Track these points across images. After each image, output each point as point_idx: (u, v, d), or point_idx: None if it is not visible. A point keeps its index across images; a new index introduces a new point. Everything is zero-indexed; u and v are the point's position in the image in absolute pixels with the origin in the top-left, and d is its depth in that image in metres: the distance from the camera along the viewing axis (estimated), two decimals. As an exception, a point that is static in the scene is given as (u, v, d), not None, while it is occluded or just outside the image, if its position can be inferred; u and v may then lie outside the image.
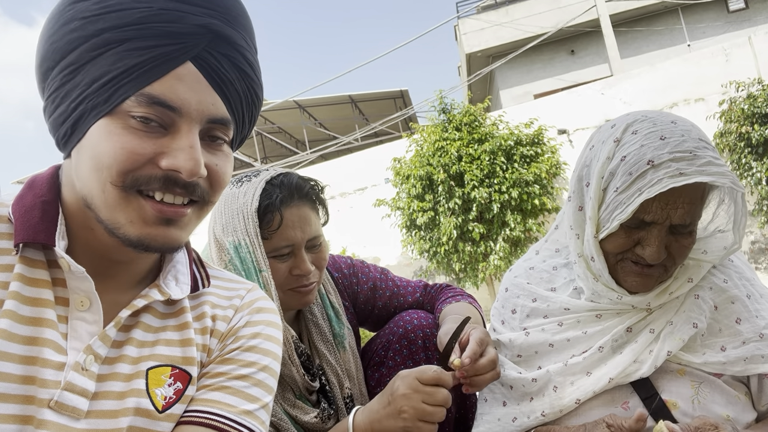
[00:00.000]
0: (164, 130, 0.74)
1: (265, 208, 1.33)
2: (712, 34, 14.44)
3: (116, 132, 0.72)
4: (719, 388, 1.13)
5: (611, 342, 1.19)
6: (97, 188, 0.73)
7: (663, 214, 1.07)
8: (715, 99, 8.85)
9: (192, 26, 0.73)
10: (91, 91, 0.72)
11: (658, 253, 1.09)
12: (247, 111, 0.84)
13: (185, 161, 0.73)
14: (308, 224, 1.38)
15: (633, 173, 1.07)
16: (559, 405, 1.20)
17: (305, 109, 18.25)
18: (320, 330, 1.51)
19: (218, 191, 0.82)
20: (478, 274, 8.45)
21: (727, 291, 1.19)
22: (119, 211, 0.74)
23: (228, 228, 1.36)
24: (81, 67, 0.72)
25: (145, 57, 0.71)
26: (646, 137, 1.09)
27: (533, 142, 8.66)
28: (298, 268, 1.37)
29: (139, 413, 0.78)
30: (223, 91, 0.77)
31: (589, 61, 15.24)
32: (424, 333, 1.51)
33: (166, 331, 0.86)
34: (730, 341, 1.15)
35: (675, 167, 1.03)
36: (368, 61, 13.23)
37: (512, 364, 1.33)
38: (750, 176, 7.89)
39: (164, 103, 0.72)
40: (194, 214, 0.81)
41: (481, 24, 15.59)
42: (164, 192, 0.75)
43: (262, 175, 1.40)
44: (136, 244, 0.75)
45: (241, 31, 0.79)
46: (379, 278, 1.68)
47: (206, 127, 0.77)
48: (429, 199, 8.42)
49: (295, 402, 1.38)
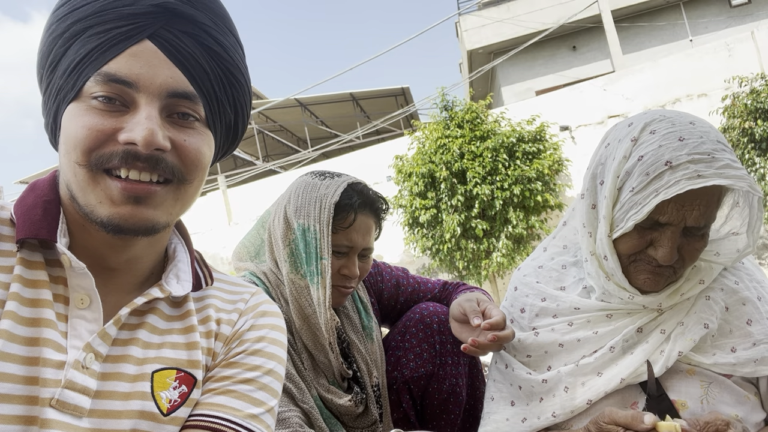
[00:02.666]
0: (126, 109, 0.76)
1: (344, 206, 1.45)
2: (714, 29, 14.38)
3: (80, 114, 0.75)
4: (729, 389, 1.12)
5: (622, 342, 1.19)
6: (69, 172, 0.76)
7: (678, 215, 1.07)
8: (718, 94, 8.82)
9: (147, 6, 0.76)
10: (63, 82, 0.76)
11: (671, 254, 1.09)
12: (220, 90, 0.83)
13: (139, 132, 0.74)
14: (369, 234, 1.50)
15: (650, 173, 1.06)
16: (570, 406, 1.20)
17: (307, 107, 18.25)
18: (351, 321, 1.60)
19: (193, 169, 0.81)
20: (480, 272, 8.44)
21: (739, 292, 1.19)
22: (89, 192, 0.76)
23: (302, 211, 1.45)
24: (58, 63, 0.77)
25: (103, 39, 0.75)
26: (664, 137, 1.08)
27: (535, 138, 8.64)
28: (347, 269, 1.47)
29: (144, 416, 0.78)
30: (185, 66, 0.78)
31: (590, 57, 15.19)
32: (439, 318, 1.61)
33: (172, 333, 0.86)
34: (740, 342, 1.14)
35: (693, 169, 1.02)
36: (369, 59, 13.23)
37: (521, 364, 1.33)
38: (753, 172, 7.86)
39: (119, 79, 0.74)
40: (170, 195, 0.80)
41: (482, 20, 15.55)
42: (128, 168, 0.75)
43: (344, 177, 1.52)
44: (107, 224, 0.76)
45: (205, 12, 0.81)
46: (401, 276, 1.80)
47: (169, 102, 0.77)
48: (431, 196, 8.40)
49: (329, 387, 1.47)
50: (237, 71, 0.85)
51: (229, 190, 13.05)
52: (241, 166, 19.73)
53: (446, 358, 1.58)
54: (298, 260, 1.44)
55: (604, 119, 9.78)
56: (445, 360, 1.58)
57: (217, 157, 0.92)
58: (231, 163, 20.65)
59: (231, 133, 0.91)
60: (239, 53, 0.86)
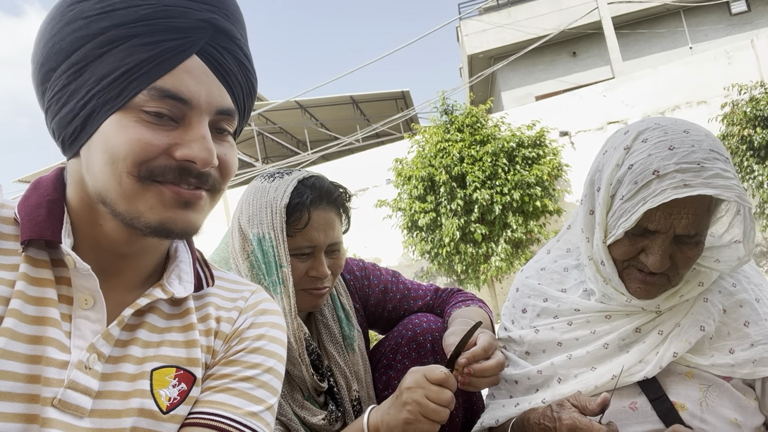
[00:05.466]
0: (175, 123, 0.76)
1: (295, 206, 1.35)
2: (714, 37, 14.44)
3: (130, 125, 0.73)
4: (728, 392, 1.13)
5: (618, 340, 1.21)
6: (112, 181, 0.74)
7: (666, 223, 1.08)
8: (717, 102, 8.84)
9: (195, 21, 0.75)
10: (101, 88, 0.73)
11: (661, 262, 1.10)
12: (246, 101, 0.86)
13: (200, 151, 0.75)
14: (332, 229, 1.40)
15: (638, 182, 1.07)
16: (560, 394, 1.21)
17: (306, 110, 18.27)
18: (330, 331, 1.51)
19: (227, 180, 0.84)
20: (479, 276, 8.45)
21: (736, 294, 1.20)
22: (138, 200, 0.75)
23: (254, 220, 1.38)
24: (87, 66, 0.73)
25: (154, 52, 0.73)
26: (654, 146, 1.09)
27: (535, 143, 8.66)
28: (316, 270, 1.38)
29: (144, 414, 0.78)
30: (227, 83, 0.80)
31: (590, 63, 15.24)
32: (433, 336, 1.50)
33: (171, 332, 0.86)
34: (738, 344, 1.16)
35: (680, 178, 1.03)
36: (370, 62, 13.25)
37: (517, 358, 1.35)
38: (752, 179, 7.88)
39: (176, 96, 0.74)
40: (208, 200, 0.83)
41: (483, 25, 15.60)
42: (179, 183, 0.77)
43: (294, 173, 1.43)
44: (158, 229, 0.77)
45: (237, 26, 0.82)
46: (390, 281, 1.69)
47: (214, 118, 0.79)
48: (430, 200, 8.42)
49: (303, 403, 1.38)
50: (254, 80, 0.87)
51: (228, 191, 13.05)
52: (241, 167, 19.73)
53: None
54: (260, 272, 1.37)
55: (603, 125, 9.80)
56: None
57: None
58: (230, 165, 20.60)
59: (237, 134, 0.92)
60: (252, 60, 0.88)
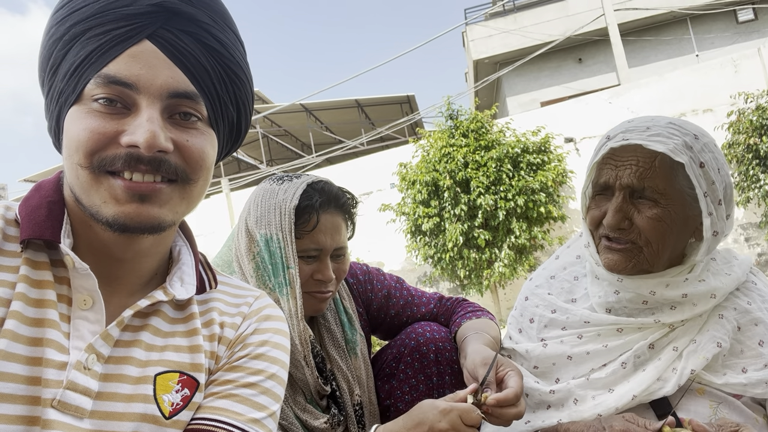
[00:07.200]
0: (127, 110, 0.76)
1: (304, 208, 1.37)
2: (720, 45, 14.41)
3: (81, 116, 0.75)
4: (738, 410, 1.11)
5: (634, 358, 1.19)
6: (72, 174, 0.76)
7: (613, 174, 1.19)
8: (723, 110, 8.81)
9: (146, 6, 0.75)
10: (64, 85, 0.76)
11: (614, 217, 1.18)
12: (222, 88, 0.83)
13: (141, 134, 0.73)
14: (338, 233, 1.41)
15: (596, 148, 1.26)
16: (578, 418, 1.18)
17: (311, 113, 18.31)
18: (333, 335, 1.51)
19: (197, 169, 0.81)
20: (482, 282, 8.42)
21: (751, 313, 1.19)
22: (93, 193, 0.75)
23: (262, 221, 1.38)
24: (58, 67, 0.77)
25: (103, 41, 0.75)
26: (623, 124, 1.23)
27: (540, 150, 8.64)
28: (321, 273, 1.39)
29: (146, 419, 0.78)
30: (185, 66, 0.78)
31: (596, 70, 15.23)
32: (437, 346, 1.49)
33: (175, 336, 0.85)
34: (751, 363, 1.14)
35: (622, 136, 1.19)
36: (375, 66, 13.28)
37: (528, 372, 1.32)
38: (758, 188, 7.83)
39: (119, 81, 0.74)
40: (175, 193, 0.80)
41: (489, 31, 15.61)
42: (131, 171, 0.75)
43: (303, 177, 1.44)
44: (113, 224, 0.76)
45: (204, 9, 0.80)
46: (393, 287, 1.68)
47: (171, 102, 0.77)
48: (434, 205, 8.40)
49: (306, 406, 1.38)
50: (238, 68, 0.85)
51: (232, 194, 13.07)
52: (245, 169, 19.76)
53: (444, 390, 1.46)
54: (265, 273, 1.37)
55: (608, 132, 9.78)
56: (443, 393, 1.45)
57: (220, 155, 0.92)
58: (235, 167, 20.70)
59: (234, 131, 0.90)
60: (240, 50, 0.86)
